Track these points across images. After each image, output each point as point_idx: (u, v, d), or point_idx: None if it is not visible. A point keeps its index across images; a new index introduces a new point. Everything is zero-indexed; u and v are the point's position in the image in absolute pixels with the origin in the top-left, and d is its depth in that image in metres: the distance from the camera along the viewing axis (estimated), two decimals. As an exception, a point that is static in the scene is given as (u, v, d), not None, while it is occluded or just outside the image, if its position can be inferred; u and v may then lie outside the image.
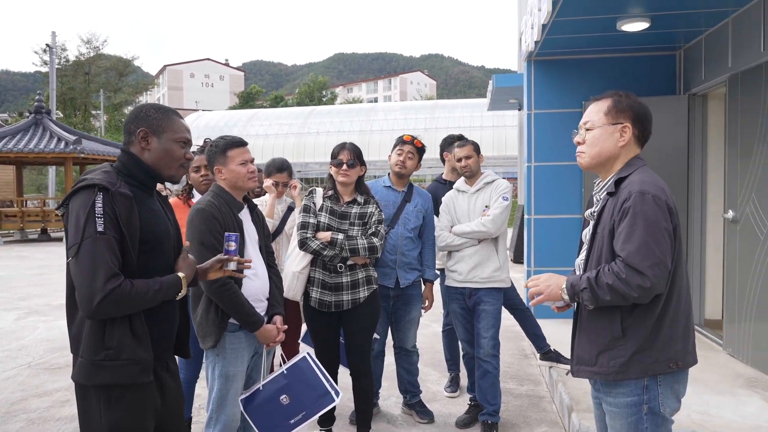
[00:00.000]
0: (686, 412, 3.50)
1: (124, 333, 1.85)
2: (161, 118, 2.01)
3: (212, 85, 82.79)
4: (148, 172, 1.98)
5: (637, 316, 1.93)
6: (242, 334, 2.66)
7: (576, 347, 2.11)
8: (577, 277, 1.99)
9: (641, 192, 1.89)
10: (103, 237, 1.76)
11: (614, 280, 1.87)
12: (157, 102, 67.45)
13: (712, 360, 4.53)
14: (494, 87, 10.13)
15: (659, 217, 1.87)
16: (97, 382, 1.85)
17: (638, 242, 1.86)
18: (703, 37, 5.21)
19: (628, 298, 1.88)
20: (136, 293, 1.80)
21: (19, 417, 4.11)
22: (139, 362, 1.87)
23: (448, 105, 36.78)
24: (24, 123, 19.50)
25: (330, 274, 3.28)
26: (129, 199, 1.85)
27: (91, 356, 1.84)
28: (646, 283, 1.83)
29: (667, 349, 1.93)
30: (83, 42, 42.69)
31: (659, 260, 1.84)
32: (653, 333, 1.92)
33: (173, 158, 2.01)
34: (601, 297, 1.90)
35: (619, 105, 2.09)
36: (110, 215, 1.79)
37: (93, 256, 1.74)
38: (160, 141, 1.99)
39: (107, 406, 1.85)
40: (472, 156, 3.78)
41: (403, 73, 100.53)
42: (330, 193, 3.38)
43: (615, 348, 1.96)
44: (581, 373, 2.07)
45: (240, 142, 2.77)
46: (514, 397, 4.37)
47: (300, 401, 2.74)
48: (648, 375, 1.94)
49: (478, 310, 3.70)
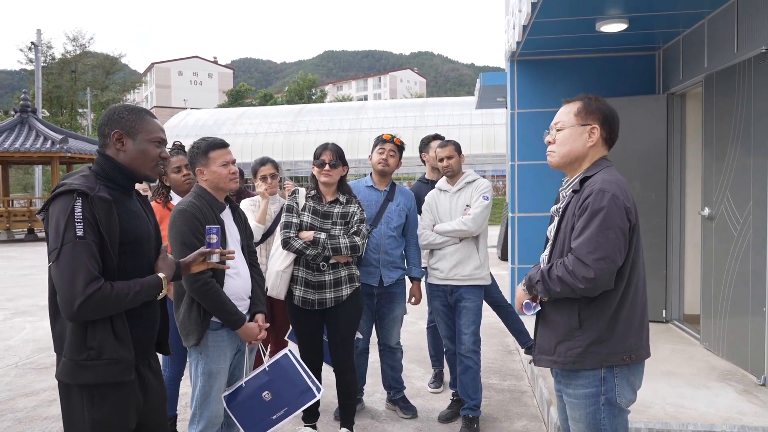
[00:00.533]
0: (661, 405, 3.61)
1: (106, 333, 1.89)
2: (135, 119, 2.03)
3: (201, 83, 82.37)
4: (125, 173, 2.01)
5: (594, 309, 2.03)
6: (224, 332, 2.71)
7: (537, 337, 2.21)
8: (535, 270, 2.09)
9: (601, 190, 1.99)
10: (83, 241, 1.80)
11: (563, 272, 1.98)
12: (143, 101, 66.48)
13: (688, 354, 4.63)
14: (482, 85, 10.20)
15: (614, 215, 1.96)
16: (81, 381, 1.89)
17: (588, 236, 1.96)
18: (681, 38, 5.31)
19: (575, 289, 1.97)
20: (116, 296, 1.85)
21: (6, 416, 4.14)
22: (121, 361, 1.92)
23: (437, 103, 36.84)
24: (9, 122, 19.36)
25: (313, 272, 3.34)
26: (108, 202, 1.89)
27: (73, 356, 1.88)
28: (590, 274, 1.93)
29: (622, 342, 2.03)
30: (69, 40, 42.45)
31: (606, 255, 1.94)
32: (609, 326, 2.02)
33: (149, 158, 2.05)
34: (552, 288, 2.02)
35: (589, 107, 2.17)
36: (89, 220, 1.82)
37: (73, 261, 1.79)
38: (134, 142, 2.02)
39: (90, 404, 1.90)
40: (454, 156, 3.84)
41: (393, 71, 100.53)
42: (313, 193, 3.44)
43: (572, 339, 2.06)
44: (541, 361, 2.17)
45: (221, 143, 2.81)
46: (497, 392, 4.45)
47: (282, 397, 2.80)
48: (603, 366, 2.03)
49: (459, 307, 3.77)
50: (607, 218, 1.96)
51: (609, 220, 1.96)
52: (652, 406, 3.60)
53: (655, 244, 5.56)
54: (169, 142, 3.50)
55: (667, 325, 5.53)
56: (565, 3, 4.39)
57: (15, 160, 19.32)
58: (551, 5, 4.33)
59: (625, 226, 1.99)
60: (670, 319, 5.61)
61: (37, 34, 27.46)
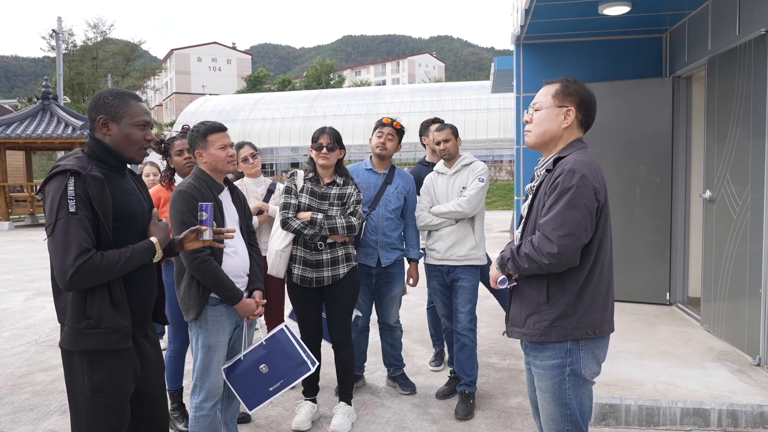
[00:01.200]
0: (653, 383, 3.68)
1: (104, 302, 2.02)
2: (118, 104, 2.12)
3: (219, 69, 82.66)
4: (113, 155, 2.13)
5: (562, 285, 2.12)
6: (223, 308, 2.83)
7: (511, 310, 2.30)
8: (507, 249, 2.18)
9: (571, 170, 2.05)
10: (75, 216, 1.93)
11: (530, 249, 2.07)
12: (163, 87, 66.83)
13: (687, 336, 4.68)
14: (496, 69, 10.21)
15: (582, 194, 2.03)
16: (81, 348, 2.03)
17: (555, 214, 2.04)
18: (687, 20, 5.28)
19: (541, 265, 2.06)
20: (106, 263, 1.96)
21: (25, 389, 4.35)
22: (119, 329, 2.05)
23: (454, 87, 36.61)
24: (32, 109, 19.71)
25: (311, 251, 3.45)
26: (100, 180, 2.01)
27: (74, 325, 2.02)
28: (553, 249, 2.01)
29: (587, 316, 2.11)
30: (90, 27, 42.98)
31: (570, 232, 2.01)
32: (575, 301, 2.11)
33: (133, 141, 2.14)
34: (521, 265, 2.11)
35: (567, 89, 2.23)
36: (81, 197, 1.95)
37: (66, 235, 1.92)
38: (119, 126, 2.11)
39: (90, 368, 2.04)
40: (450, 139, 3.91)
41: (411, 56, 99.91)
42: (311, 175, 3.54)
43: (540, 312, 2.15)
44: (513, 333, 2.26)
45: (219, 127, 2.92)
46: (496, 371, 4.55)
47: (278, 370, 2.93)
48: (569, 339, 2.12)
49: (456, 286, 3.86)
50: (574, 197, 2.02)
51: (576, 199, 2.02)
52: (644, 384, 3.68)
53: (659, 227, 5.59)
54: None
55: (670, 308, 5.57)
56: (565, -14, 4.41)
57: (37, 146, 19.70)
58: (551, -11, 4.35)
59: (593, 206, 2.05)
60: (673, 301, 5.64)
61: (58, 21, 27.82)
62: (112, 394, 2.07)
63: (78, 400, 2.07)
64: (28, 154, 21.39)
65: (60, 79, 25.74)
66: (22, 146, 19.84)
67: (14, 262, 11.12)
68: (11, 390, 4.34)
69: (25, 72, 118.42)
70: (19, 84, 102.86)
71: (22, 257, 11.75)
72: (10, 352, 5.30)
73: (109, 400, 2.07)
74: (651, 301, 5.65)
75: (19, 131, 18.12)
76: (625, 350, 4.25)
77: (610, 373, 3.75)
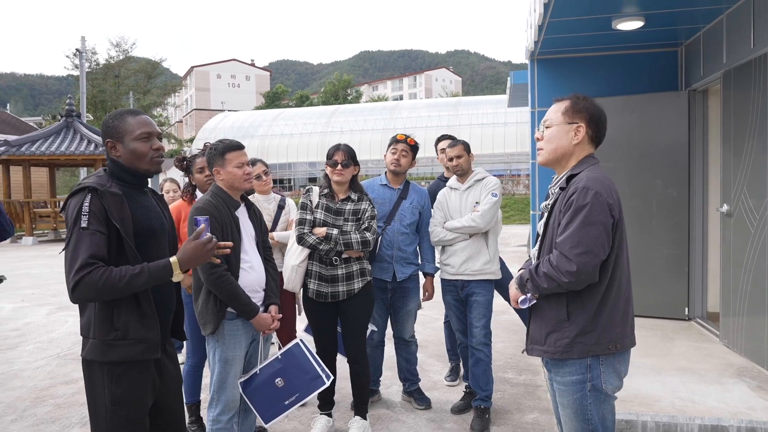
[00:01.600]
0: (670, 399, 3.65)
1: (131, 314, 2.08)
2: (117, 125, 2.18)
3: (238, 86, 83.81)
4: (130, 172, 2.20)
5: (581, 302, 2.13)
6: (239, 322, 2.88)
7: (530, 328, 2.31)
8: (525, 270, 2.20)
9: (585, 188, 2.07)
10: (85, 231, 1.99)
11: (548, 268, 2.09)
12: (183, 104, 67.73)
13: (706, 351, 4.63)
14: (512, 83, 10.23)
15: (597, 211, 2.04)
16: (109, 359, 2.08)
17: (571, 232, 2.06)
18: (702, 34, 5.28)
19: (561, 284, 2.07)
20: (106, 280, 1.96)
21: (47, 402, 4.43)
22: (145, 340, 2.10)
23: (471, 102, 36.75)
24: (56, 126, 20.16)
25: (326, 266, 3.50)
26: (119, 196, 2.08)
27: (102, 336, 2.08)
28: (572, 267, 2.02)
29: (607, 332, 2.12)
30: (113, 45, 43.85)
31: (588, 250, 2.03)
32: (594, 317, 2.12)
33: (140, 155, 2.18)
34: (540, 285, 2.12)
35: (576, 106, 2.25)
36: (95, 212, 2.01)
37: (75, 249, 1.99)
38: (124, 145, 2.17)
39: (110, 381, 2.09)
40: (463, 155, 3.95)
41: (428, 70, 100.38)
42: (326, 191, 3.60)
43: (561, 330, 2.15)
44: (534, 351, 2.27)
45: (237, 145, 2.99)
46: (511, 386, 4.54)
47: (293, 384, 2.97)
48: (590, 355, 2.12)
49: (470, 301, 3.87)
50: (589, 214, 2.04)
51: (592, 216, 2.04)
52: (661, 399, 3.65)
53: (676, 241, 5.55)
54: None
55: (689, 323, 5.51)
56: (578, 2, 4.44)
57: (61, 162, 20.12)
58: (564, 5, 4.38)
59: (608, 222, 2.07)
60: (692, 316, 5.58)
61: (82, 41, 28.50)
62: (131, 407, 2.12)
63: (98, 412, 2.13)
64: (52, 171, 21.84)
65: (83, 96, 26.30)
66: (46, 163, 20.27)
67: (37, 276, 11.33)
68: (34, 402, 4.43)
69: (49, 90, 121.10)
70: (44, 102, 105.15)
71: (45, 272, 11.96)
72: (33, 365, 5.40)
73: (128, 412, 2.12)
74: (669, 317, 5.59)
75: (44, 148, 18.55)
76: (643, 365, 4.22)
77: (627, 389, 3.70)
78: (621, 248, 2.14)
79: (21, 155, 18.42)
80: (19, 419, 4.10)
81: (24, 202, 19.20)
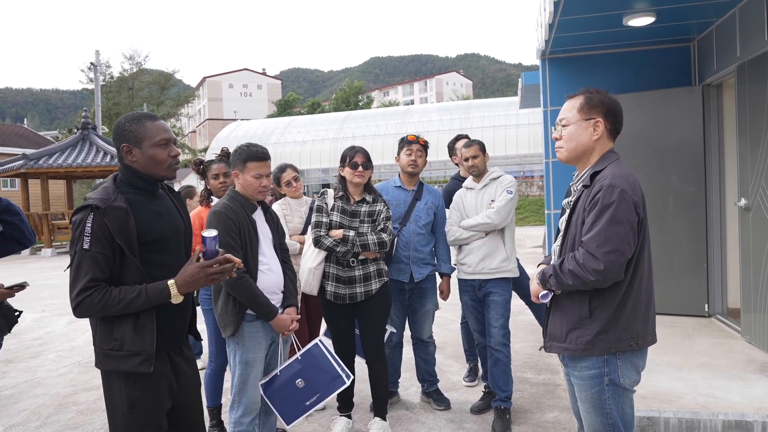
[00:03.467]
0: (692, 395, 3.61)
1: (128, 327, 2.07)
2: (136, 129, 2.14)
3: (250, 95, 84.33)
4: (144, 178, 2.18)
5: (603, 299, 2.12)
6: (259, 324, 2.91)
7: (549, 325, 2.30)
8: (549, 266, 2.19)
9: (611, 186, 2.06)
10: (87, 253, 2.00)
11: (574, 265, 2.07)
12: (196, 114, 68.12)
13: (728, 347, 4.57)
14: (524, 85, 10.20)
15: (623, 209, 2.04)
16: (107, 368, 2.11)
17: (598, 230, 2.05)
18: (714, 28, 5.25)
19: (586, 282, 2.06)
20: (103, 304, 2.00)
21: (70, 409, 4.49)
22: (140, 354, 2.07)
23: (482, 104, 36.59)
24: (72, 139, 20.45)
25: (343, 268, 3.52)
26: (123, 210, 2.05)
27: (102, 346, 2.10)
28: (599, 266, 2.01)
29: (629, 329, 2.11)
30: (126, 58, 44.24)
31: (615, 248, 2.02)
32: (616, 314, 2.11)
33: (159, 162, 2.16)
34: (565, 282, 2.11)
35: (591, 101, 2.24)
36: (97, 233, 2.01)
37: (76, 271, 2.01)
38: (142, 150, 2.14)
39: (126, 385, 2.11)
40: (479, 155, 3.96)
41: (438, 74, 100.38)
42: (340, 193, 3.62)
43: (583, 327, 2.15)
44: (553, 348, 2.26)
45: (261, 156, 2.95)
46: (531, 386, 4.52)
47: (314, 384, 2.99)
48: (611, 352, 2.12)
49: (488, 300, 3.87)
50: (616, 213, 2.03)
51: (618, 215, 2.03)
52: (683, 396, 3.61)
53: (694, 237, 5.50)
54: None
55: (709, 320, 5.45)
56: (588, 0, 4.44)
57: (78, 174, 20.38)
58: (574, 3, 4.37)
59: (634, 220, 2.06)
60: (712, 313, 5.52)
61: (96, 54, 28.84)
62: (148, 410, 2.14)
63: (116, 416, 2.14)
64: (69, 183, 22.15)
65: (98, 109, 26.62)
66: (64, 175, 20.56)
67: (57, 287, 11.47)
68: (57, 409, 4.49)
69: (65, 104, 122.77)
70: (60, 116, 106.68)
71: (64, 282, 11.97)
72: (55, 373, 5.47)
73: (145, 416, 2.14)
74: (689, 314, 5.54)
75: (61, 161, 18.81)
76: (663, 363, 4.18)
77: (648, 386, 3.70)
78: (644, 245, 2.14)
79: (39, 168, 18.69)
80: (44, 425, 4.16)
81: (42, 215, 19.45)
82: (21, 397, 4.85)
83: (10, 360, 5.97)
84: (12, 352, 6.16)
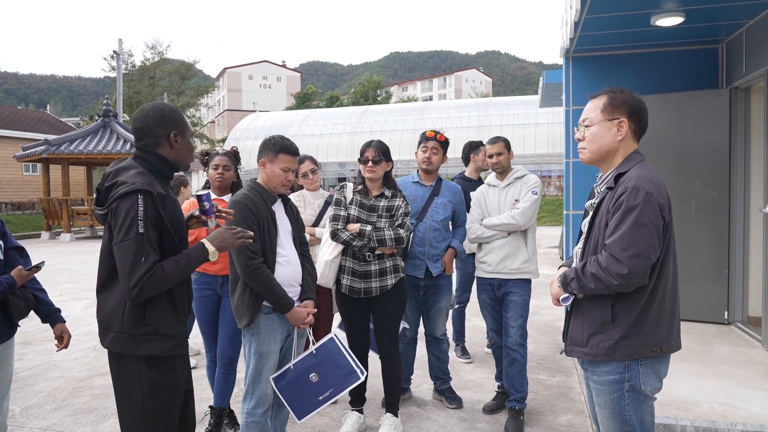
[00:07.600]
0: (710, 404, 3.55)
1: (165, 309, 2.14)
2: (182, 119, 2.29)
3: (270, 87, 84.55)
4: (172, 167, 2.29)
5: (626, 303, 2.06)
6: (275, 316, 2.90)
7: (570, 329, 2.25)
8: (570, 269, 2.14)
9: (635, 188, 2.00)
10: (143, 237, 2.04)
11: (597, 269, 2.02)
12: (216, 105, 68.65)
13: (747, 356, 4.49)
14: (544, 83, 10.09)
15: (648, 212, 1.98)
16: (138, 353, 2.12)
17: (622, 233, 1.99)
18: (744, 30, 5.14)
19: (609, 286, 2.00)
20: (164, 276, 2.08)
21: (85, 393, 4.54)
22: (175, 336, 2.16)
23: (501, 102, 36.38)
24: (93, 126, 20.68)
25: (359, 262, 3.50)
26: (164, 197, 2.15)
27: (132, 331, 2.11)
28: (623, 270, 1.96)
29: (652, 334, 2.05)
30: (148, 48, 44.56)
31: (640, 252, 1.96)
32: (639, 319, 2.05)
33: (191, 150, 2.33)
34: (587, 285, 2.06)
35: (615, 101, 2.19)
36: (151, 216, 2.07)
37: (134, 254, 2.03)
38: (184, 139, 2.29)
39: (148, 368, 2.13)
40: (503, 153, 3.92)
41: (458, 71, 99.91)
42: (360, 187, 3.60)
43: (605, 332, 2.09)
44: (573, 352, 2.21)
45: (294, 151, 2.97)
46: (545, 387, 4.48)
47: (328, 379, 2.97)
48: (633, 358, 2.06)
49: (507, 300, 3.82)
50: (641, 215, 1.98)
51: (643, 218, 1.98)
52: (700, 404, 3.55)
53: (716, 243, 5.41)
54: (238, 143, 3.81)
55: (729, 327, 5.36)
56: (616, -2, 4.36)
57: (98, 161, 20.59)
58: (602, 1, 4.30)
59: (659, 223, 2.00)
60: (732, 321, 5.43)
61: (119, 43, 29.07)
62: (169, 391, 2.18)
63: (133, 399, 2.15)
64: (89, 169, 22.39)
65: (120, 97, 26.85)
66: (84, 161, 20.79)
67: (75, 271, 11.61)
68: (72, 393, 4.53)
69: (87, 91, 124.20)
70: (82, 103, 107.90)
71: (82, 267, 12.26)
72: (70, 357, 5.53)
73: (166, 397, 2.18)
74: (708, 320, 5.45)
75: (81, 147, 19.02)
76: (681, 369, 4.11)
77: (665, 392, 3.59)
78: (669, 249, 2.07)
79: (60, 154, 18.94)
80: (58, 408, 4.20)
81: (63, 200, 19.70)
82: (37, 379, 4.90)
83: (27, 342, 6.05)
84: (29, 335, 6.23)
